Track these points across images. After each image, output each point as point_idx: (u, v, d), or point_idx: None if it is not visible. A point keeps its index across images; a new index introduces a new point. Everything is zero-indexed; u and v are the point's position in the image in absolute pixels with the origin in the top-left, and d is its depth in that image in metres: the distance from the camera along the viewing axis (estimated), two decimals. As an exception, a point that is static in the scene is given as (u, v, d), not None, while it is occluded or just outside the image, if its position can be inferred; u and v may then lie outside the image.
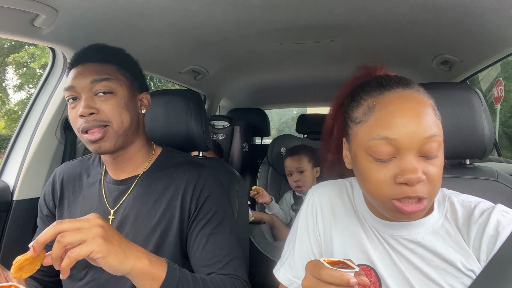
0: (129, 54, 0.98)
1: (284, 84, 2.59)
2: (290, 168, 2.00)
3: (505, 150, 7.57)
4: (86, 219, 0.64)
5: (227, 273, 0.85)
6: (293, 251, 0.81)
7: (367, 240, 0.74)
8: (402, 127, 0.61)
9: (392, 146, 0.61)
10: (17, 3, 0.88)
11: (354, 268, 0.55)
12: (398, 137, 0.61)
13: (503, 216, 0.66)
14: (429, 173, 0.61)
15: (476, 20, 1.16)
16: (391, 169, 0.62)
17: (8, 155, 1.30)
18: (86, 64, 0.86)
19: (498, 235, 0.64)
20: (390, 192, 0.62)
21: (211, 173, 0.95)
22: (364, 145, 0.65)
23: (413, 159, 0.61)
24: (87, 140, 0.84)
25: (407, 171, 0.60)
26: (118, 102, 0.86)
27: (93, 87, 0.84)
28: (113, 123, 0.85)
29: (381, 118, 0.63)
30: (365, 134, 0.65)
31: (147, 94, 0.97)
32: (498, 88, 6.09)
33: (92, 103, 0.83)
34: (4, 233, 1.19)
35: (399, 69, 1.93)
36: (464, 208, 0.71)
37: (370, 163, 0.64)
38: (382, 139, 0.62)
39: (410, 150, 0.61)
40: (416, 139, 0.60)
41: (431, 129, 0.61)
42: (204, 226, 0.88)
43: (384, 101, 0.64)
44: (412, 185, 0.60)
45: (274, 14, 1.19)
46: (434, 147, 0.61)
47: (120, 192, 0.93)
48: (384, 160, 0.62)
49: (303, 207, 0.83)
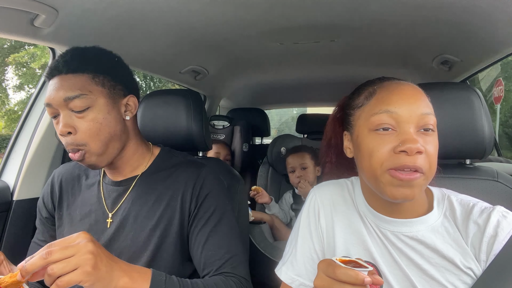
0: (109, 54, 0.90)
1: (284, 84, 2.59)
2: (293, 164, 2.00)
3: (505, 150, 7.57)
4: (76, 245, 0.62)
5: (225, 272, 0.85)
6: (295, 249, 0.82)
7: (368, 237, 0.75)
8: (402, 102, 0.67)
9: (393, 119, 0.67)
10: (17, 3, 0.88)
11: (367, 267, 0.55)
12: (398, 110, 0.67)
13: (504, 217, 0.67)
14: (427, 148, 0.65)
15: (476, 20, 1.16)
16: (392, 141, 0.66)
17: (8, 155, 1.30)
18: (59, 77, 0.82)
19: (497, 236, 0.65)
20: (389, 163, 0.65)
21: (210, 172, 0.95)
22: (367, 122, 0.70)
23: (412, 131, 0.66)
24: (74, 160, 0.84)
25: (407, 140, 0.64)
26: (96, 117, 0.81)
27: (68, 104, 0.80)
28: (90, 145, 0.81)
29: (382, 97, 0.70)
30: (368, 112, 0.71)
31: (133, 97, 0.90)
32: (498, 88, 6.09)
33: (70, 121, 0.80)
34: (4, 233, 1.19)
35: (399, 69, 1.93)
36: (463, 206, 0.72)
37: (373, 138, 0.69)
38: (384, 113, 0.67)
39: (409, 122, 0.66)
40: (414, 113, 0.66)
41: (427, 108, 0.68)
42: (204, 225, 0.88)
43: (384, 85, 0.72)
44: (411, 153, 0.64)
45: (274, 14, 1.19)
46: (430, 120, 0.67)
47: (119, 193, 0.93)
48: (387, 128, 0.67)
49: (305, 206, 0.84)
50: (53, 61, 0.85)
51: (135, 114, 0.92)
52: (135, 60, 1.53)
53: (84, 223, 0.93)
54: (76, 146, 0.81)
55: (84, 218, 0.93)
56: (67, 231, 0.94)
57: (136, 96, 0.92)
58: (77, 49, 0.87)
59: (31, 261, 0.59)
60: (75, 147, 0.81)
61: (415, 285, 0.69)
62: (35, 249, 0.98)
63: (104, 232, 0.90)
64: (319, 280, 0.58)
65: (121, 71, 0.90)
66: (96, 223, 0.92)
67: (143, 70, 1.71)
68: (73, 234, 0.65)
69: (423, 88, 0.72)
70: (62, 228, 0.96)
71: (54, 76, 0.82)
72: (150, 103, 1.17)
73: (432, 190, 0.77)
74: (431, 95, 0.72)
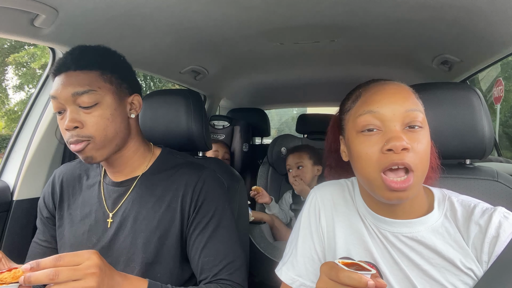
0: (114, 53, 0.91)
1: (284, 84, 2.59)
2: (290, 163, 2.03)
3: (505, 150, 7.56)
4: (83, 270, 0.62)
5: (222, 278, 0.85)
6: (295, 250, 0.82)
7: (369, 237, 0.75)
8: (385, 101, 0.68)
9: (376, 119, 0.67)
10: (17, 3, 0.88)
11: (371, 270, 0.55)
12: (380, 110, 0.67)
13: (506, 218, 0.67)
14: (414, 145, 0.65)
15: (476, 20, 1.16)
16: (378, 141, 0.67)
17: (8, 155, 1.30)
18: (67, 73, 0.82)
19: (499, 237, 0.65)
20: (379, 163, 0.66)
21: (211, 175, 0.94)
22: (354, 124, 0.71)
23: (397, 129, 0.66)
24: (74, 151, 0.84)
25: (392, 138, 0.64)
26: (103, 113, 0.82)
27: (76, 100, 0.80)
28: (96, 138, 0.82)
29: (366, 99, 0.70)
30: (354, 114, 0.72)
31: (138, 96, 0.92)
32: (498, 88, 6.08)
33: (77, 116, 0.81)
34: (4, 233, 1.19)
35: (399, 69, 1.93)
36: (464, 207, 0.71)
37: (360, 141, 0.69)
38: (368, 113, 0.68)
39: (393, 121, 0.66)
40: (398, 111, 0.66)
41: (411, 104, 0.67)
42: (202, 229, 0.88)
43: (369, 87, 0.73)
44: (397, 151, 0.64)
45: (274, 14, 1.19)
46: (417, 116, 0.66)
47: (119, 194, 0.93)
48: (372, 129, 0.67)
49: (305, 206, 0.84)
50: (61, 58, 0.85)
51: (137, 114, 0.93)
52: (135, 60, 1.52)
53: (85, 223, 0.93)
54: (81, 138, 0.81)
55: (85, 218, 0.93)
56: (68, 231, 0.94)
57: (140, 95, 0.93)
58: (84, 46, 0.88)
59: (37, 276, 0.59)
60: (80, 139, 0.81)
61: (416, 285, 0.69)
62: (36, 249, 0.98)
63: (105, 232, 0.90)
64: (322, 283, 0.58)
65: (126, 70, 0.92)
66: (96, 223, 0.92)
67: (143, 70, 1.71)
68: (84, 252, 0.64)
69: (423, 88, 0.72)
70: (63, 228, 0.96)
71: (62, 73, 0.83)
72: (150, 103, 1.17)
73: (433, 190, 0.76)
74: (431, 95, 0.72)
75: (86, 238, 0.91)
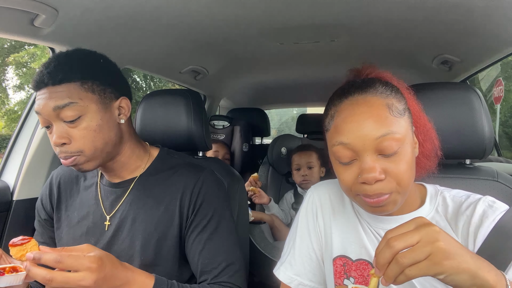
0: (94, 56, 0.86)
1: (284, 84, 2.59)
2: (299, 162, 1.99)
3: (505, 150, 7.56)
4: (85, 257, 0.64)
5: (222, 281, 0.85)
6: (293, 249, 0.82)
7: (364, 235, 0.76)
8: (354, 131, 0.64)
9: (349, 150, 0.65)
10: (17, 3, 0.88)
11: None
12: (351, 141, 0.64)
13: (489, 206, 0.68)
14: (389, 170, 0.64)
15: (476, 20, 1.16)
16: (354, 170, 0.66)
17: (8, 155, 1.30)
18: (46, 89, 0.79)
19: (482, 225, 0.66)
20: (355, 190, 0.67)
21: (209, 176, 0.93)
22: (330, 151, 0.70)
23: (370, 159, 0.64)
24: (65, 165, 0.83)
25: (365, 171, 0.63)
26: (89, 125, 0.80)
27: (59, 114, 0.77)
28: (85, 151, 0.80)
29: (337, 125, 0.68)
30: (329, 140, 0.70)
31: (126, 98, 0.88)
32: (498, 88, 6.08)
33: (63, 131, 0.79)
34: (4, 233, 1.19)
35: (399, 69, 1.93)
36: (455, 202, 0.72)
37: (338, 166, 0.69)
38: (340, 145, 0.66)
39: (365, 151, 0.64)
40: (368, 140, 0.63)
41: (383, 129, 0.63)
42: (201, 231, 0.87)
43: (340, 108, 0.68)
44: (370, 183, 0.63)
45: (274, 14, 1.19)
46: (390, 144, 0.63)
47: (117, 195, 0.92)
48: (346, 163, 0.67)
49: (303, 206, 0.85)
50: (37, 73, 0.80)
51: (129, 116, 0.90)
52: (135, 60, 1.53)
53: (82, 225, 0.92)
54: (70, 154, 0.80)
55: (82, 220, 0.92)
56: (66, 233, 0.94)
57: (128, 97, 0.90)
58: (59, 56, 0.83)
59: (35, 272, 0.62)
60: (68, 155, 0.80)
61: (412, 280, 0.69)
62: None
63: (103, 235, 0.90)
64: None
65: (109, 73, 0.87)
66: (94, 225, 0.91)
67: (143, 70, 1.71)
68: (84, 247, 0.67)
69: (423, 88, 0.72)
70: (61, 230, 0.95)
71: (41, 89, 0.80)
72: (150, 103, 1.16)
73: (426, 186, 0.77)
74: (431, 95, 0.72)
75: (84, 240, 0.90)
